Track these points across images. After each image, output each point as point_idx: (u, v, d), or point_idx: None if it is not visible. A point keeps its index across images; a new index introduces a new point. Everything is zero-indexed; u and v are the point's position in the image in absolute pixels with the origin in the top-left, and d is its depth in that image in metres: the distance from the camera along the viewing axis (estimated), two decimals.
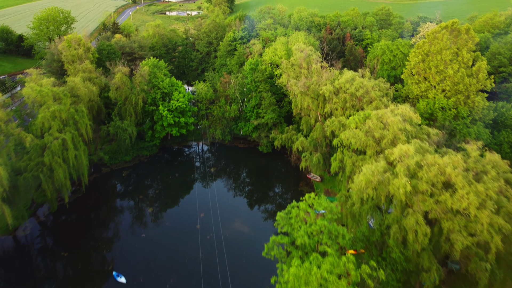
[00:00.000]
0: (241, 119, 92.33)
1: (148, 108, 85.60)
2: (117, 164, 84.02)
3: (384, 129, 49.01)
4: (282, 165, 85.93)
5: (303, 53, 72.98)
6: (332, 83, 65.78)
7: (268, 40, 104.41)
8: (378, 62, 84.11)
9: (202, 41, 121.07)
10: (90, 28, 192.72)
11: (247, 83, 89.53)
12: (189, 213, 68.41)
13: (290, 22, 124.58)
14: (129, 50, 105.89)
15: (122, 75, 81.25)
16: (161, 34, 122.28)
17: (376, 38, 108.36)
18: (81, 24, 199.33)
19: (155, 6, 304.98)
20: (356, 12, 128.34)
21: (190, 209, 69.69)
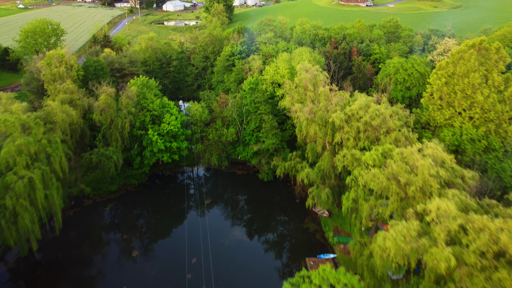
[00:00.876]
0: (239, 143, 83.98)
1: (136, 132, 77.23)
2: (102, 195, 75.38)
3: (411, 172, 40.55)
4: (285, 196, 77.31)
5: (309, 73, 64.82)
6: (342, 109, 57.50)
7: (269, 55, 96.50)
8: (391, 81, 76.01)
9: (198, 55, 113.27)
10: (83, 40, 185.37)
11: (246, 103, 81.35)
12: (179, 257, 59.53)
13: (292, 35, 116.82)
14: (119, 66, 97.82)
15: (107, 97, 72.98)
16: (154, 48, 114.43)
17: (385, 52, 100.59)
18: (74, 35, 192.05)
19: (153, 15, 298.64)
20: (362, 24, 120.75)
21: (181, 251, 60.84)
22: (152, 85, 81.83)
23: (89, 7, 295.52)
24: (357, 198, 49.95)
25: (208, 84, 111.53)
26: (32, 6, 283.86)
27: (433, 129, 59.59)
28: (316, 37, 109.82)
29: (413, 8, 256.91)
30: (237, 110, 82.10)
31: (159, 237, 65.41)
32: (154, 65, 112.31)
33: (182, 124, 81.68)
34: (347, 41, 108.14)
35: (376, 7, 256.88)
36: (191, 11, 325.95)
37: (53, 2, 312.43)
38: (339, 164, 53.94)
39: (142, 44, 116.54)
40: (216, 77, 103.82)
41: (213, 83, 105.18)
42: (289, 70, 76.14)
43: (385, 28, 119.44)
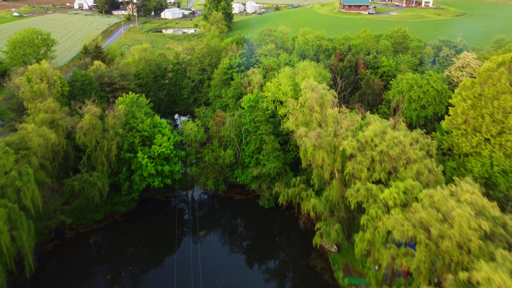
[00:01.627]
0: (237, 165, 76.95)
1: (124, 155, 70.21)
2: (85, 225, 68.19)
3: (444, 221, 33.48)
4: (289, 225, 70.18)
5: (315, 92, 57.96)
6: (354, 135, 50.55)
7: (269, 68, 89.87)
8: (404, 99, 69.21)
9: (194, 68, 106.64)
10: (76, 49, 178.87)
11: (245, 122, 74.47)
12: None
13: (294, 46, 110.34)
14: (108, 80, 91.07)
15: (92, 117, 66.04)
16: (148, 60, 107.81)
17: (393, 65, 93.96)
18: (67, 45, 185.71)
19: (151, 23, 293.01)
20: (367, 34, 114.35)
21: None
22: (142, 103, 74.93)
23: (86, 15, 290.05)
24: (373, 241, 42.88)
25: (205, 98, 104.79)
26: (27, 14, 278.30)
27: (457, 157, 52.60)
28: (320, 49, 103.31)
29: (416, 16, 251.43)
30: (236, 129, 75.21)
31: (148, 276, 58.11)
32: (147, 78, 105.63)
33: (175, 144, 74.75)
34: (353, 52, 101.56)
35: (379, 15, 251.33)
36: (189, 19, 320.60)
37: (49, 10, 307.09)
38: (352, 199, 46.89)
39: (135, 55, 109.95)
40: (213, 91, 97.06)
41: (210, 97, 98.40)
42: (292, 87, 69.35)
43: (392, 38, 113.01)
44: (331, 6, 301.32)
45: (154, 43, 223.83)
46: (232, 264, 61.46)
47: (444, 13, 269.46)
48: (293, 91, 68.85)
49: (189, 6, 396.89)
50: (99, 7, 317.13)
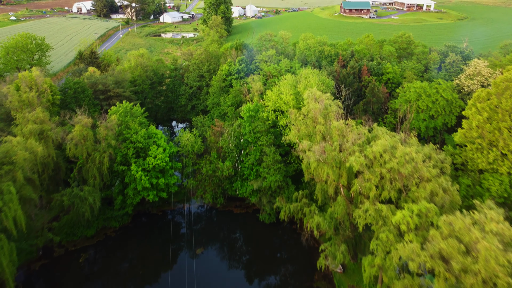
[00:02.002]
0: (237, 177, 73.41)
1: (117, 167, 66.68)
2: (76, 242, 64.59)
3: (467, 254, 29.94)
4: (290, 242, 66.56)
5: (319, 103, 54.49)
6: (362, 150, 47.02)
7: (270, 75, 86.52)
8: (412, 108, 65.78)
9: (192, 74, 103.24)
10: (72, 54, 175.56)
11: (244, 133, 70.99)
12: None
13: (295, 51, 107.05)
14: (103, 87, 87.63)
15: (83, 128, 62.53)
16: (144, 66, 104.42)
17: (398, 72, 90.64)
18: (63, 49, 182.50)
19: (149, 27, 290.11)
20: (371, 39, 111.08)
21: None
22: (136, 113, 71.46)
23: (84, 18, 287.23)
24: (384, 267, 39.29)
25: (203, 105, 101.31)
26: (24, 18, 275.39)
27: (472, 174, 49.06)
28: (322, 54, 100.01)
29: (418, 20, 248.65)
30: (234, 140, 71.73)
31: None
32: (144, 84, 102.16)
33: (171, 156, 71.28)
34: (356, 58, 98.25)
35: (380, 19, 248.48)
36: (189, 22, 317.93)
37: (47, 14, 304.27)
38: (360, 220, 43.33)
39: (132, 61, 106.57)
40: (212, 99, 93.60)
41: (209, 105, 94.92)
42: (294, 96, 65.90)
43: (396, 43, 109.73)
44: (331, 10, 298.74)
45: (153, 47, 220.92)
46: (230, 282, 57.89)
47: (446, 17, 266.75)
48: (295, 101, 65.41)
49: (188, 9, 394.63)
50: (97, 11, 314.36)
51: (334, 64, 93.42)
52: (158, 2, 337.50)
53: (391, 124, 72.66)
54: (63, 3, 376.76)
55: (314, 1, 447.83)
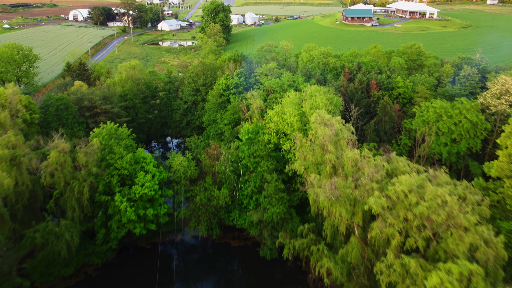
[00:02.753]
0: (234, 205, 65.87)
1: (99, 198, 59.17)
2: (51, 283, 56.87)
3: None
4: (295, 281, 58.84)
5: (329, 128, 47.16)
6: (382, 189, 39.58)
7: (271, 90, 79.40)
8: (431, 131, 58.49)
9: (187, 88, 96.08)
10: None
11: (243, 157, 63.59)
12: None
13: (297, 63, 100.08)
14: (88, 104, 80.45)
15: (59, 155, 55.11)
16: (136, 79, 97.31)
17: (410, 86, 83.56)
18: (55, 59, 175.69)
19: (147, 35, 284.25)
20: (378, 50, 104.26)
21: None
22: (122, 134, 64.06)
23: (80, 26, 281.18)
24: None
25: (198, 121, 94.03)
26: (19, 26, 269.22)
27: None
28: (327, 67, 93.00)
29: (421, 28, 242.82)
30: (232, 164, 64.30)
31: None
32: (135, 99, 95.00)
33: (161, 182, 63.84)
34: (363, 71, 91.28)
35: (383, 27, 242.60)
36: (187, 30, 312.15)
37: (42, 22, 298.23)
38: (383, 278, 35.80)
39: (122, 74, 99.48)
40: (208, 115, 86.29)
41: (204, 122, 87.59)
42: (298, 117, 58.59)
43: (406, 55, 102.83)
44: (332, 18, 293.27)
45: (149, 56, 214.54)
46: None
47: (450, 25, 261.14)
48: (299, 122, 58.09)
49: (187, 17, 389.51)
50: (94, 18, 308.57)
51: (340, 78, 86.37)
52: (155, 9, 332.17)
53: (406, 147, 65.35)
54: (59, 11, 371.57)
55: (314, 9, 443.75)
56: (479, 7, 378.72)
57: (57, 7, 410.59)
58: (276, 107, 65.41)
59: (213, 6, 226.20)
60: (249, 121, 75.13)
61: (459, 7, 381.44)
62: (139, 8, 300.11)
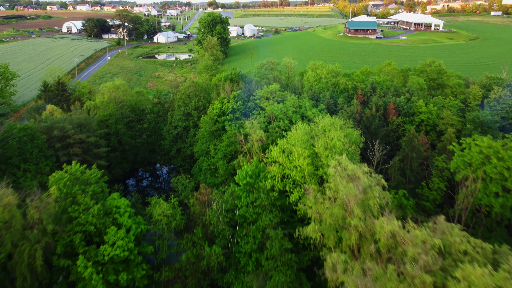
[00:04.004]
0: (229, 263, 53.43)
1: (57, 262, 46.83)
2: None
3: None
4: None
5: (354, 184, 35.12)
6: (444, 285, 27.37)
7: (273, 117, 67.71)
8: (476, 176, 46.45)
9: (177, 112, 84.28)
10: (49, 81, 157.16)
11: (240, 205, 51.42)
12: None
13: (302, 83, 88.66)
14: (59, 133, 68.56)
15: (3, 211, 42.91)
16: (119, 101, 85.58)
17: (434, 111, 72.04)
18: (42, 74, 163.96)
19: (142, 48, 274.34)
20: (393, 68, 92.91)
21: None
22: (90, 179, 51.78)
23: (72, 39, 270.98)
24: None
25: (190, 150, 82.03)
26: (9, 38, 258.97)
27: None
28: (337, 88, 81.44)
29: (428, 41, 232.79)
30: (227, 214, 52.11)
31: None
32: (117, 124, 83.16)
33: (139, 237, 51.55)
34: (379, 93, 79.79)
35: (388, 40, 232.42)
36: (184, 43, 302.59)
37: (34, 34, 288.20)
38: None
39: (105, 95, 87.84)
40: (200, 145, 74.37)
41: (196, 152, 75.64)
42: (310, 159, 46.54)
43: (424, 73, 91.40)
44: (334, 30, 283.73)
45: (143, 70, 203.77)
46: None
47: (457, 37, 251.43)
48: (311, 166, 46.01)
49: (184, 29, 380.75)
50: (88, 31, 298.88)
51: (353, 102, 74.71)
52: (152, 21, 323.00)
53: (440, 191, 53.25)
54: (54, 23, 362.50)
55: (314, 20, 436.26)
56: (483, 18, 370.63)
57: (52, 19, 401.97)
58: (281, 142, 53.39)
59: (210, 18, 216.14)
60: (248, 156, 63.20)
61: (463, 19, 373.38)
62: (135, 19, 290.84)
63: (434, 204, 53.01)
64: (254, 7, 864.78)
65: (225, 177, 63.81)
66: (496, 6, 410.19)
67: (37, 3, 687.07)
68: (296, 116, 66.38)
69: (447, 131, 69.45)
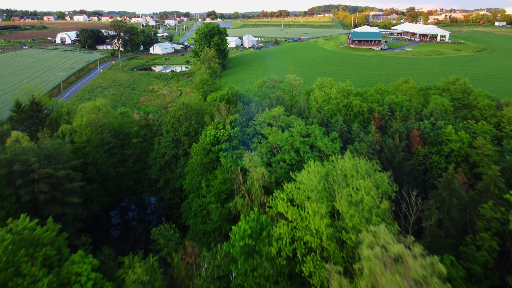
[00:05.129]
0: None
1: None
2: None
3: None
4: None
5: (403, 278, 23.62)
6: None
7: (276, 147, 56.59)
8: None
9: (166, 138, 73.10)
10: None
11: (236, 273, 39.80)
12: None
13: (308, 104, 77.73)
14: (21, 168, 57.25)
15: None
16: (99, 125, 74.46)
17: (467, 139, 61.07)
18: None
19: (137, 59, 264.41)
20: (411, 86, 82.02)
21: None
22: (43, 239, 40.03)
23: (65, 50, 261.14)
24: None
25: (179, 181, 70.69)
26: None
27: None
28: (350, 111, 70.43)
29: (435, 52, 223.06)
30: (219, 284, 40.46)
31: None
32: (95, 151, 71.91)
33: None
34: (398, 116, 68.83)
35: (393, 51, 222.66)
36: (181, 54, 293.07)
37: (26, 45, 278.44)
38: None
39: (84, 118, 76.80)
40: (190, 179, 63.02)
41: (185, 187, 64.21)
42: (328, 220, 35.07)
43: (447, 92, 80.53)
44: (336, 41, 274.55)
45: (136, 83, 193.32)
46: None
47: (464, 48, 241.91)
48: (331, 229, 34.53)
49: (182, 40, 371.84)
50: (81, 41, 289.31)
51: (370, 128, 63.62)
52: (148, 32, 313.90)
53: (491, 251, 41.71)
54: (48, 34, 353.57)
55: (314, 31, 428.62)
56: (488, 29, 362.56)
57: (46, 30, 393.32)
58: (289, 187, 41.92)
59: (208, 29, 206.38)
60: (246, 198, 51.76)
61: (467, 29, 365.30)
62: (130, 30, 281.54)
63: (484, 267, 41.51)
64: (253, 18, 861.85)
65: (219, 223, 52.41)
66: (500, 16, 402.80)
67: (35, 13, 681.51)
68: (305, 147, 55.30)
69: (485, 165, 58.42)
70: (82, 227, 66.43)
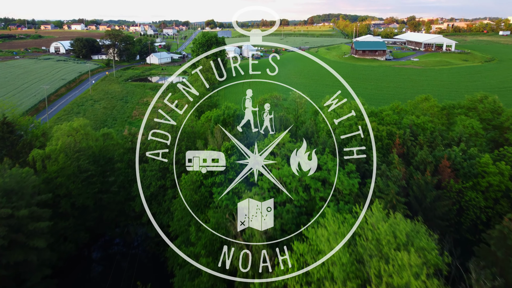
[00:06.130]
0: None
1: None
2: None
3: None
4: None
5: None
6: None
7: (282, 183, 46.55)
8: None
9: (151, 167, 63.07)
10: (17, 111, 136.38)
11: None
12: None
13: (316, 125, 67.91)
14: None
15: None
16: (75, 150, 64.43)
17: (508, 171, 51.12)
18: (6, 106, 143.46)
19: (133, 70, 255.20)
20: (432, 105, 72.20)
21: None
22: None
23: (58, 60, 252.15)
24: None
25: (167, 217, 60.46)
26: None
27: None
28: (366, 136, 60.36)
29: (442, 63, 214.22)
30: None
31: None
32: (70, 181, 61.79)
33: None
34: (422, 141, 58.98)
35: (399, 61, 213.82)
36: (179, 64, 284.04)
37: (18, 55, 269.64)
38: None
39: (59, 141, 66.75)
40: (177, 220, 52.89)
41: (172, 228, 54.05)
42: None
43: (473, 111, 70.74)
44: (338, 51, 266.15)
45: (130, 95, 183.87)
46: None
47: (471, 58, 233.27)
48: None
49: (180, 49, 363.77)
50: (76, 51, 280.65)
51: (391, 157, 53.68)
52: (145, 41, 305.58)
53: None
54: (43, 43, 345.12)
55: (315, 40, 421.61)
56: (493, 38, 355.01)
57: (42, 39, 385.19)
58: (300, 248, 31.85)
59: (205, 39, 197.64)
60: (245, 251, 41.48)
61: (471, 38, 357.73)
62: (126, 39, 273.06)
63: None
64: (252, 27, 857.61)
65: (211, 282, 42.11)
66: (503, 25, 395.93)
67: (33, 22, 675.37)
68: (316, 184, 45.59)
69: None
70: (51, 273, 56.19)
